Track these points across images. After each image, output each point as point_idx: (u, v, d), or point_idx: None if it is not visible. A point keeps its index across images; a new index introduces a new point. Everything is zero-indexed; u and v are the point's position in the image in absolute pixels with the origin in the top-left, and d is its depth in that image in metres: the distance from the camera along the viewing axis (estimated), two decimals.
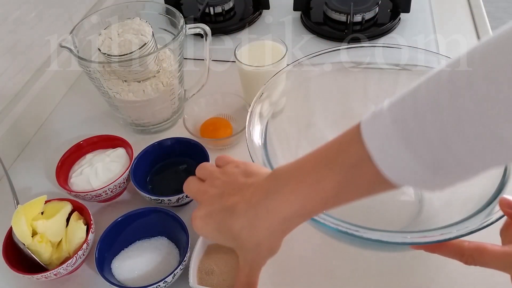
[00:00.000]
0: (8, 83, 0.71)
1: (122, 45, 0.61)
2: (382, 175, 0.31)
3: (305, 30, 0.89)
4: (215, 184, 0.41)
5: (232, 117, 0.71)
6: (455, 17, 0.91)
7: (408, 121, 0.29)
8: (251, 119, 0.51)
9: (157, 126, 0.72)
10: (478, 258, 0.37)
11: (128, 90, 0.65)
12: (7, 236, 0.53)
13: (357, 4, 0.86)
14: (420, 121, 0.29)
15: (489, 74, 0.26)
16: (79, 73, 0.85)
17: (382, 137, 0.30)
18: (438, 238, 0.38)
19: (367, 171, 0.32)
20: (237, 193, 0.38)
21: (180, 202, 0.58)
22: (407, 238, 0.39)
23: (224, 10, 0.91)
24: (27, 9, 0.73)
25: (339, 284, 0.52)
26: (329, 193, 0.34)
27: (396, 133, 0.30)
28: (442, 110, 0.28)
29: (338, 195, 0.34)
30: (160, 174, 0.64)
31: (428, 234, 0.39)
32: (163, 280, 0.48)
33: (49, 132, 0.75)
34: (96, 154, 0.64)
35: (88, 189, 0.59)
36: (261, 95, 0.54)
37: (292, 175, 0.36)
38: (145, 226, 0.56)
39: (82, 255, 0.53)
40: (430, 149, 0.29)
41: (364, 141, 0.31)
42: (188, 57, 0.81)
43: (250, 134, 0.50)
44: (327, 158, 0.34)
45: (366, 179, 0.32)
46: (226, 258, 0.51)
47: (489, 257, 0.37)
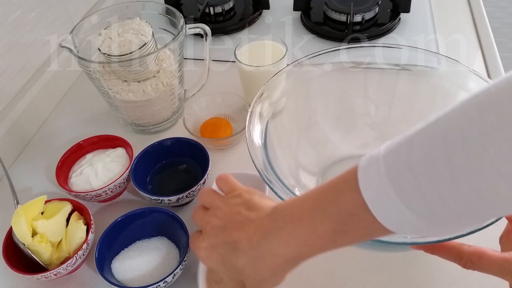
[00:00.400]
0: (8, 83, 0.71)
1: (122, 45, 0.61)
2: (379, 223, 0.30)
3: (305, 30, 0.89)
4: (217, 214, 0.41)
5: (232, 117, 0.71)
6: (455, 17, 0.91)
7: (402, 174, 0.28)
8: (251, 119, 0.51)
9: (157, 126, 0.72)
10: (477, 263, 0.37)
11: (128, 90, 0.65)
12: (7, 236, 0.53)
13: (357, 4, 0.86)
14: (415, 174, 0.28)
15: (485, 130, 0.25)
16: (79, 73, 0.85)
17: (378, 188, 0.30)
18: (439, 238, 0.38)
19: (363, 218, 0.31)
20: (239, 227, 0.38)
21: (180, 202, 0.58)
22: (407, 238, 0.39)
23: (224, 10, 0.91)
24: (27, 9, 0.73)
25: (339, 284, 0.52)
26: (325, 239, 0.34)
27: (391, 185, 0.29)
28: (436, 165, 0.27)
29: (334, 241, 0.34)
30: (160, 174, 0.64)
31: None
32: (163, 280, 0.48)
33: (49, 132, 0.75)
34: (96, 154, 0.64)
35: (88, 189, 0.59)
36: (261, 95, 0.54)
37: (290, 217, 0.36)
38: (145, 226, 0.56)
39: (82, 255, 0.53)
40: (426, 203, 0.28)
41: (360, 189, 0.31)
42: (188, 57, 0.81)
43: (250, 134, 0.50)
44: (323, 202, 0.34)
45: (362, 226, 0.32)
46: None
47: (488, 262, 0.37)
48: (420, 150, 0.28)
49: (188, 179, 0.63)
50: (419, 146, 0.28)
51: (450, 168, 0.26)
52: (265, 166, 0.47)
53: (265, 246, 0.36)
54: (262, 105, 0.54)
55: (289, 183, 0.49)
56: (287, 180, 0.50)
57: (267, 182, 0.45)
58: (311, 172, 0.61)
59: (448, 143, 0.27)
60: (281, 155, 0.54)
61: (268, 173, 0.46)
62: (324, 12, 0.89)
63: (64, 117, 0.78)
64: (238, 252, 0.37)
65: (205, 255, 0.40)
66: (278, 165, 0.50)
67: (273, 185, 0.45)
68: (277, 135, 0.55)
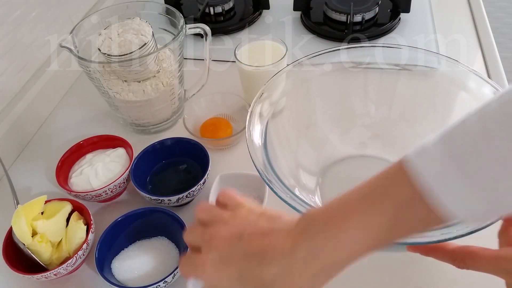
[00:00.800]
0: (8, 83, 0.71)
1: (122, 45, 0.61)
2: (434, 212, 0.30)
3: (305, 30, 0.89)
4: (227, 226, 0.36)
5: (232, 117, 0.71)
6: (455, 17, 0.91)
7: (463, 147, 0.29)
8: (251, 119, 0.51)
9: (157, 126, 0.72)
10: (470, 263, 0.37)
11: (128, 90, 0.65)
12: (7, 236, 0.53)
13: (357, 4, 0.86)
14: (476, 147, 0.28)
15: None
16: (79, 73, 0.85)
17: (438, 169, 0.29)
18: (438, 238, 0.38)
19: (418, 209, 0.30)
20: (261, 237, 0.34)
21: (180, 202, 0.58)
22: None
23: (224, 10, 0.91)
24: (27, 9, 0.73)
25: (339, 284, 0.52)
26: (377, 235, 0.32)
27: (451, 165, 0.29)
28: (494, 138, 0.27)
29: (387, 237, 0.32)
30: (160, 174, 0.64)
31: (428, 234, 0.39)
32: (163, 280, 0.48)
33: (49, 132, 0.75)
34: (96, 154, 0.64)
35: (88, 189, 0.59)
36: (261, 95, 0.54)
37: (330, 220, 0.33)
38: (145, 226, 0.56)
39: (82, 255, 0.53)
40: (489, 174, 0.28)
41: (414, 179, 0.30)
42: (188, 57, 0.81)
43: (250, 134, 0.50)
44: (370, 199, 0.32)
45: (417, 217, 0.31)
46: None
47: (480, 261, 0.37)
48: (476, 126, 0.28)
49: (188, 179, 0.63)
50: (476, 122, 0.29)
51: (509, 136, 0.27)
52: (265, 166, 0.47)
53: (302, 251, 0.33)
54: (262, 105, 0.54)
55: (289, 183, 0.49)
56: (287, 180, 0.50)
57: (267, 182, 0.45)
58: (311, 172, 0.61)
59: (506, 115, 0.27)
60: (281, 155, 0.54)
61: (268, 173, 0.46)
62: (324, 12, 0.89)
63: (64, 117, 0.78)
64: (265, 262, 0.33)
65: (214, 271, 0.35)
66: (278, 165, 0.50)
67: (273, 185, 0.45)
68: (277, 135, 0.55)
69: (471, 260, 0.37)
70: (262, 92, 0.54)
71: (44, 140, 0.74)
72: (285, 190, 0.45)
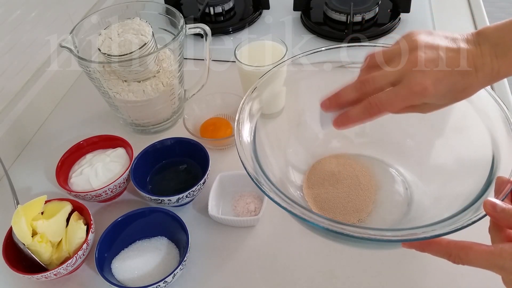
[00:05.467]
0: (8, 83, 0.71)
1: (122, 45, 0.61)
2: None
3: (305, 30, 0.89)
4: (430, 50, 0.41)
5: (232, 117, 0.71)
6: (455, 17, 0.91)
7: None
8: (241, 116, 0.51)
9: (157, 126, 0.72)
10: (465, 258, 0.37)
11: (128, 90, 0.65)
12: (7, 236, 0.53)
13: (357, 4, 0.86)
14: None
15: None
16: (79, 73, 0.85)
17: None
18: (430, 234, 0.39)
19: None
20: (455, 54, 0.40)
21: (180, 202, 0.58)
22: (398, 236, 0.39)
23: (224, 10, 0.91)
24: (27, 9, 0.73)
25: (339, 284, 0.52)
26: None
27: None
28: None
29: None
30: (160, 174, 0.64)
31: (418, 231, 0.39)
32: (163, 280, 0.48)
33: (49, 132, 0.75)
34: (96, 154, 0.64)
35: (88, 189, 0.59)
36: (252, 93, 0.53)
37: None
38: (145, 226, 0.56)
39: (82, 255, 0.53)
40: None
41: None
42: (188, 57, 0.81)
43: (239, 131, 0.49)
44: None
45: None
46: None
47: (475, 257, 0.37)
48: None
49: (188, 179, 0.63)
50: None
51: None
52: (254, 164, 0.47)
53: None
54: (253, 103, 0.53)
55: (277, 180, 0.49)
56: (275, 177, 0.50)
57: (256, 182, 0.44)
58: (300, 170, 0.61)
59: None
60: (270, 153, 0.54)
61: (258, 174, 0.46)
62: (324, 12, 0.89)
63: (64, 117, 0.78)
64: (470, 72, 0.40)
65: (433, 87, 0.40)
66: (267, 164, 0.50)
67: (262, 185, 0.44)
68: (266, 133, 0.54)
69: (465, 256, 0.37)
70: (252, 90, 0.53)
71: (44, 140, 0.74)
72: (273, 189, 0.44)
